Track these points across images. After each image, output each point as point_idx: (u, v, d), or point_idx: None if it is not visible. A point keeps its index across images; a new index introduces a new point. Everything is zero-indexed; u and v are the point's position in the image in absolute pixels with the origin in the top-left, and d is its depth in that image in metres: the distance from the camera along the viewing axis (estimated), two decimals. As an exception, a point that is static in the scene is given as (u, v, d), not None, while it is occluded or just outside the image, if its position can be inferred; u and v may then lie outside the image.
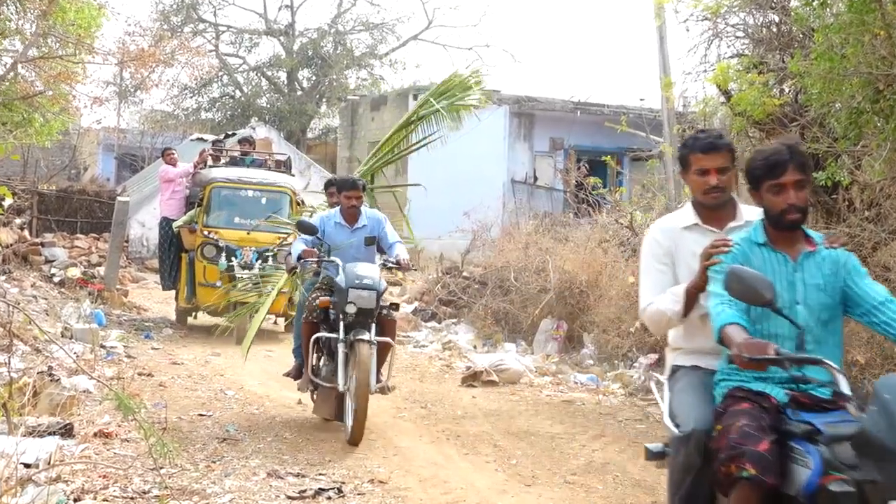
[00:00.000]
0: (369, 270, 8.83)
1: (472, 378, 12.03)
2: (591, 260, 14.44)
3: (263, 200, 15.90)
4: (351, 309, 8.63)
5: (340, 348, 8.78)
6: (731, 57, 11.68)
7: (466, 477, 7.92)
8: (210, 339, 14.50)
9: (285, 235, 14.42)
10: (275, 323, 16.27)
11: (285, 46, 42.91)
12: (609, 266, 14.08)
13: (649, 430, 9.71)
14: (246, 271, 14.45)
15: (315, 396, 9.68)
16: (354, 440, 8.62)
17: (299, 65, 42.58)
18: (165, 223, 16.67)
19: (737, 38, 11.80)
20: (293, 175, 17.45)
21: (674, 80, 14.77)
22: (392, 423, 9.86)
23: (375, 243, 9.46)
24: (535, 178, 27.74)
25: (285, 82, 43.47)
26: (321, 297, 9.01)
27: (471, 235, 19.68)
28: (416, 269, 13.08)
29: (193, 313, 16.51)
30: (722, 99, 11.50)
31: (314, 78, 43.30)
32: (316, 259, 9.15)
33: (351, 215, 9.53)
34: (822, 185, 9.87)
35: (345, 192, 9.52)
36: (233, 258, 15.17)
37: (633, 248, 14.54)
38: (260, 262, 14.91)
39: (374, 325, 8.78)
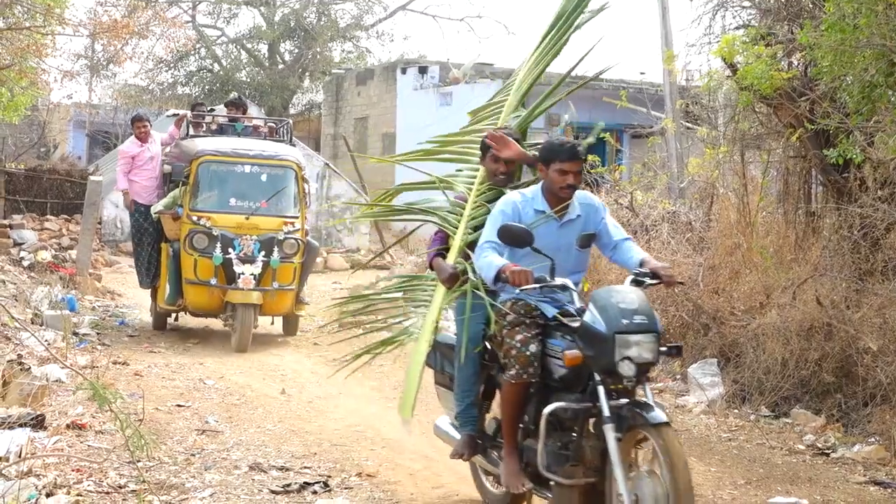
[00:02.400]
0: (634, 298, 5.92)
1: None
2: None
3: (264, 177, 13.79)
4: (628, 370, 5.75)
5: (610, 435, 5.72)
6: (737, 28, 11.68)
7: (458, 470, 7.91)
8: (190, 334, 14.44)
9: (292, 220, 13.51)
10: (272, 323, 14.69)
11: (266, 17, 42.74)
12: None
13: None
14: (247, 266, 13.17)
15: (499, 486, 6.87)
16: None
17: (281, 37, 42.43)
18: (137, 208, 14.48)
19: (743, 7, 11.80)
20: (294, 145, 15.31)
21: (676, 53, 14.80)
22: (380, 414, 9.86)
23: (591, 244, 6.66)
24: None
25: (266, 55, 43.33)
26: (570, 352, 5.93)
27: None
28: (682, 284, 10.38)
29: (175, 315, 14.62)
30: (727, 72, 11.49)
31: (297, 50, 43.16)
32: (539, 285, 6.06)
33: (561, 201, 6.39)
34: (832, 163, 9.88)
35: (559, 162, 6.30)
36: (229, 249, 13.13)
37: (634, 229, 14.54)
38: (263, 253, 13.18)
39: (647, 387, 5.98)
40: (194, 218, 13.28)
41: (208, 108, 17.27)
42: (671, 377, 11.35)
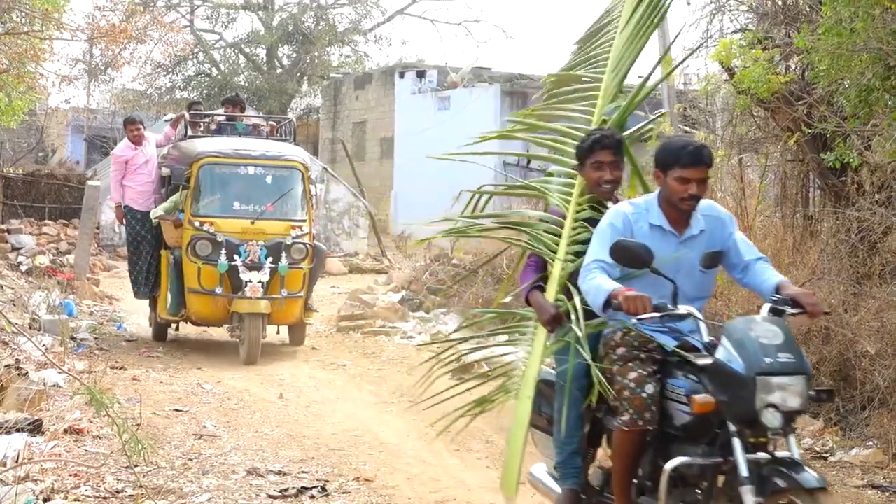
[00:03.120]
0: (778, 331, 4.99)
1: (463, 370, 12.01)
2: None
3: (269, 179, 13.14)
4: (772, 420, 4.80)
5: (749, 499, 4.77)
6: (735, 32, 11.69)
7: (456, 474, 7.93)
8: (190, 342, 14.39)
9: (300, 223, 12.96)
10: (277, 332, 13.97)
11: (264, 22, 42.80)
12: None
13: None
14: (254, 273, 12.51)
15: None
16: None
17: (279, 41, 42.49)
18: (133, 214, 13.79)
19: (740, 11, 11.80)
20: (298, 144, 14.73)
21: (674, 57, 14.75)
22: (378, 418, 9.87)
23: (717, 264, 5.65)
24: (529, 161, 27.69)
25: (264, 60, 43.39)
26: (699, 396, 5.00)
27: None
28: (828, 314, 8.81)
29: (175, 325, 14.02)
30: (725, 76, 11.49)
31: (295, 55, 43.21)
32: (659, 314, 5.13)
33: (681, 214, 5.45)
34: (830, 166, 9.89)
35: (679, 167, 5.31)
36: (235, 256, 12.46)
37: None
38: (270, 259, 12.53)
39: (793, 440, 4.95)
40: (197, 223, 12.63)
41: (196, 100, 16.67)
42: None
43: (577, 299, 5.55)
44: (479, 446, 8.79)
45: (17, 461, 6.97)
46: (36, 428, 7.94)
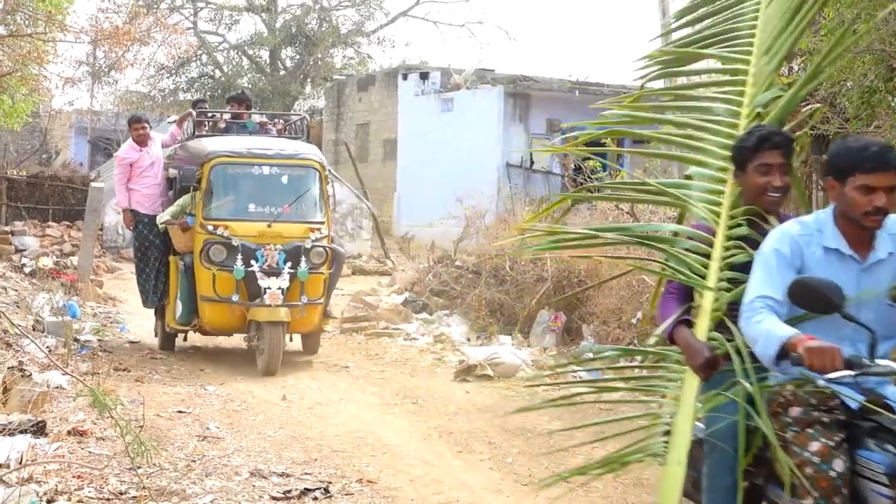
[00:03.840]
0: None
1: (466, 372, 12.04)
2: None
3: (284, 179, 12.46)
4: None
5: None
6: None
7: (459, 476, 7.93)
8: (200, 352, 14.40)
9: (318, 225, 12.30)
10: (290, 340, 12.93)
11: (267, 23, 42.83)
12: (609, 254, 14.04)
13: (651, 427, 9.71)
14: (273, 279, 11.90)
15: None
16: None
17: (282, 43, 42.52)
18: (140, 219, 13.19)
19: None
20: (311, 142, 13.97)
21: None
22: (381, 420, 9.87)
23: None
24: (532, 162, 27.73)
25: (267, 61, 43.43)
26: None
27: (464, 222, 19.66)
28: None
29: (184, 335, 13.37)
30: (727, 78, 11.50)
31: (298, 57, 43.24)
32: (855, 372, 4.11)
33: (865, 232, 4.45)
34: (833, 168, 9.89)
35: (861, 173, 4.34)
36: (252, 261, 11.85)
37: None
38: (289, 264, 11.93)
39: None
40: (210, 227, 11.97)
41: (200, 99, 15.98)
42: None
43: (738, 339, 4.56)
44: (482, 448, 8.80)
45: (20, 463, 6.97)
46: (39, 429, 7.94)
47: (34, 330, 12.60)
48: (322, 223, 12.33)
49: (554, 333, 13.97)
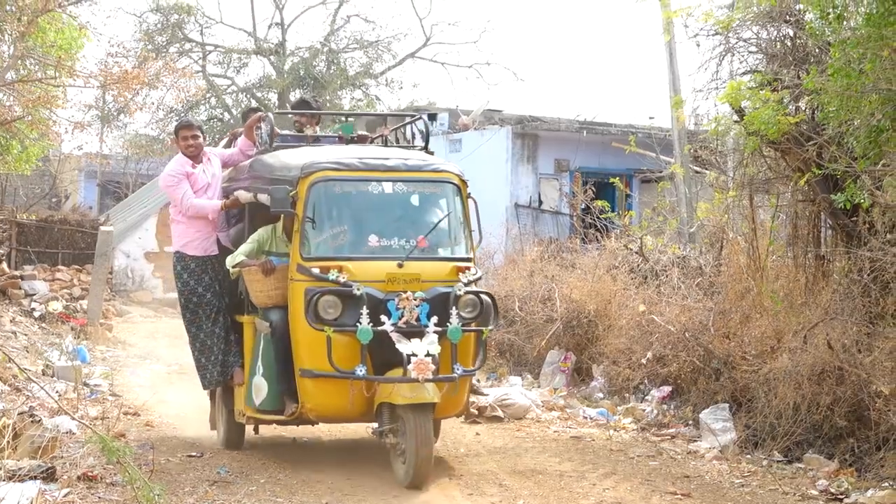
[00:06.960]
0: None
1: (476, 413, 12.02)
2: (599, 287, 14.44)
3: (415, 200, 9.28)
4: None
5: None
6: (744, 73, 11.74)
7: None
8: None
9: (467, 264, 9.13)
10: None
11: (276, 66, 43.05)
12: (618, 294, 14.08)
13: (663, 467, 9.70)
14: (416, 341, 8.57)
15: None
16: None
17: (291, 85, 42.69)
18: (185, 265, 9.89)
19: (750, 53, 11.86)
20: (433, 152, 10.28)
21: (684, 98, 14.83)
22: (390, 463, 9.84)
23: None
24: (540, 202, 27.74)
25: (276, 104, 43.59)
26: None
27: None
28: None
29: (257, 426, 10.03)
30: (735, 117, 11.54)
31: (306, 99, 43.41)
32: None
33: None
34: (841, 207, 9.91)
35: None
36: (382, 316, 8.61)
37: (644, 274, 14.56)
38: (434, 319, 8.68)
39: None
40: (315, 270, 8.74)
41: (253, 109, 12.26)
42: (683, 423, 11.32)
43: None
44: (493, 490, 8.77)
45: (30, 509, 6.98)
46: (49, 475, 7.94)
47: (44, 375, 12.62)
48: (470, 260, 9.28)
49: (563, 374, 13.95)
